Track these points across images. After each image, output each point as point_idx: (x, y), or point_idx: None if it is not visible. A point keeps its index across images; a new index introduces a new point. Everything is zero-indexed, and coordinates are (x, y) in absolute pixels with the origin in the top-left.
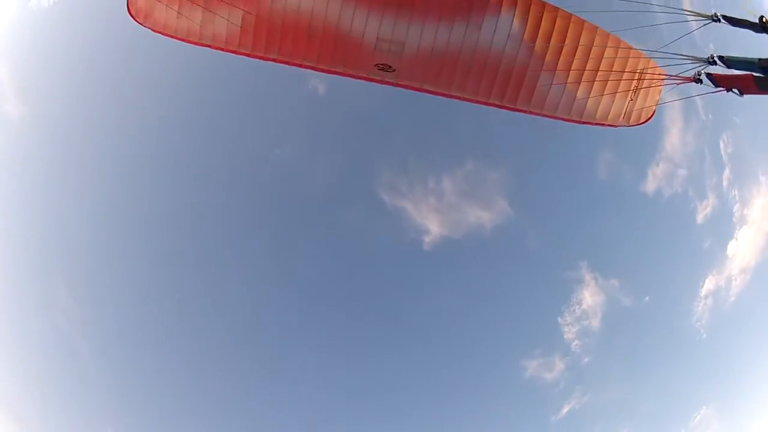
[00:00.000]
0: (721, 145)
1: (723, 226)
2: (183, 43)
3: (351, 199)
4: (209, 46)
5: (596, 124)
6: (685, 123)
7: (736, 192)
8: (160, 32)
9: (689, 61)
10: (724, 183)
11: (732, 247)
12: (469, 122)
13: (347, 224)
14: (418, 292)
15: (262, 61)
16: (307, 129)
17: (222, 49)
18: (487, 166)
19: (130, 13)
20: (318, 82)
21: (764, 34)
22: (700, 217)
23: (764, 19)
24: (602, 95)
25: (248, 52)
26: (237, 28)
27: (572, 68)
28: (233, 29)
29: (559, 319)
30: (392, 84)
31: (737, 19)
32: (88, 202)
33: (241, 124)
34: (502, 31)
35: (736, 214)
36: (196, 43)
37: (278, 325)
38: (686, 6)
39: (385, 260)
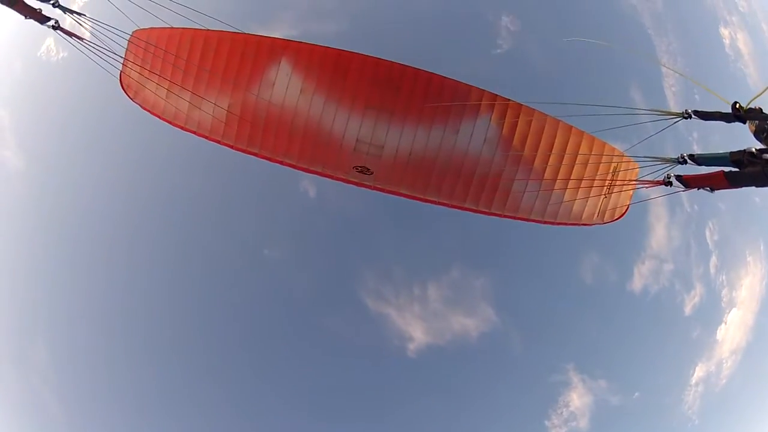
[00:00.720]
0: (707, 233)
1: (711, 312)
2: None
3: (336, 304)
4: (194, 133)
5: (571, 224)
6: (670, 218)
7: (724, 277)
8: (149, 111)
9: (659, 163)
10: (712, 270)
11: (721, 332)
12: (455, 228)
13: (331, 329)
14: (401, 399)
15: (244, 154)
16: (296, 231)
17: (206, 138)
18: (472, 273)
19: (121, 86)
20: (308, 184)
21: (738, 123)
22: (687, 309)
23: (737, 105)
24: (576, 197)
25: (231, 144)
26: (222, 117)
27: (547, 170)
28: (218, 119)
29: (546, 423)
30: (369, 187)
31: (708, 112)
32: (77, 262)
33: (233, 220)
34: (478, 135)
35: (724, 299)
36: (182, 128)
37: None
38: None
39: (369, 367)
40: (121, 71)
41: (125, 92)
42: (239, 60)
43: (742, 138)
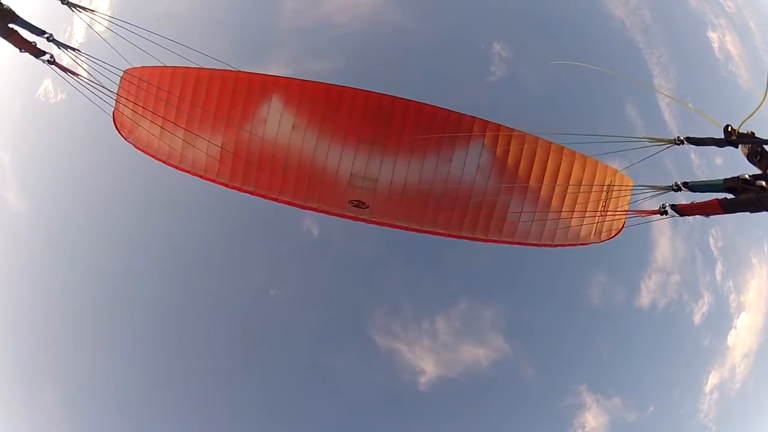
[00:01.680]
0: (711, 241)
1: (721, 319)
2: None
3: (344, 342)
4: (189, 172)
5: (568, 245)
6: (673, 230)
7: (731, 283)
8: (142, 150)
9: (653, 191)
10: (718, 277)
11: (732, 337)
12: (461, 260)
13: (341, 367)
14: None
15: (240, 192)
16: (301, 270)
17: (201, 177)
18: (480, 303)
19: (114, 125)
20: (311, 223)
21: (730, 147)
22: (697, 318)
23: (730, 128)
24: (572, 217)
25: (226, 182)
26: (215, 155)
27: (542, 193)
28: (211, 157)
29: None
30: (365, 221)
31: (701, 138)
32: (81, 306)
33: (237, 262)
34: (471, 163)
35: (732, 305)
36: (176, 167)
37: None
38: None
39: (381, 402)
40: (114, 110)
41: (118, 131)
42: (231, 97)
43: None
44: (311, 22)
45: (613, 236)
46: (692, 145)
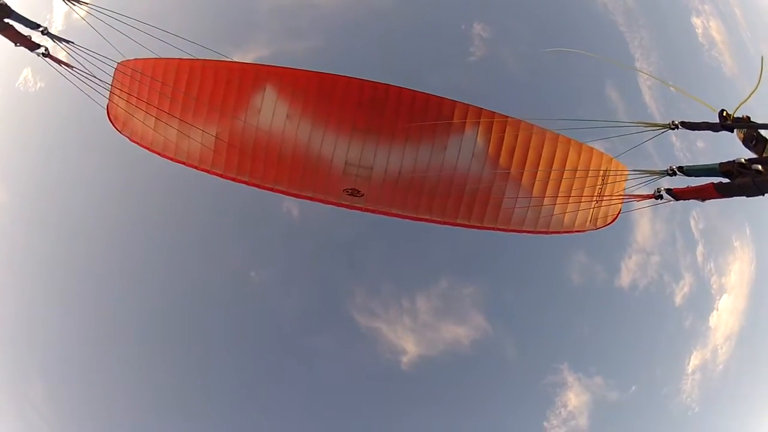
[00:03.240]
0: (692, 222)
1: (702, 301)
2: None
3: (325, 322)
4: (184, 163)
5: (564, 232)
6: (653, 211)
7: (712, 264)
8: (137, 143)
9: (647, 176)
10: (699, 259)
11: (714, 319)
12: (441, 239)
13: (323, 348)
14: (398, 412)
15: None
16: (281, 252)
17: (196, 167)
18: (460, 282)
19: (109, 119)
20: (291, 204)
21: (725, 132)
22: (678, 299)
23: (725, 113)
24: (567, 204)
25: (221, 173)
26: (210, 146)
27: (537, 181)
28: (206, 147)
29: (545, 424)
30: (361, 209)
31: (695, 122)
32: (63, 293)
33: (217, 244)
34: (466, 150)
35: (714, 286)
36: (171, 159)
37: None
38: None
39: (363, 382)
40: (108, 103)
41: (113, 124)
42: (225, 87)
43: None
44: (290, 2)
45: (609, 223)
46: (687, 130)
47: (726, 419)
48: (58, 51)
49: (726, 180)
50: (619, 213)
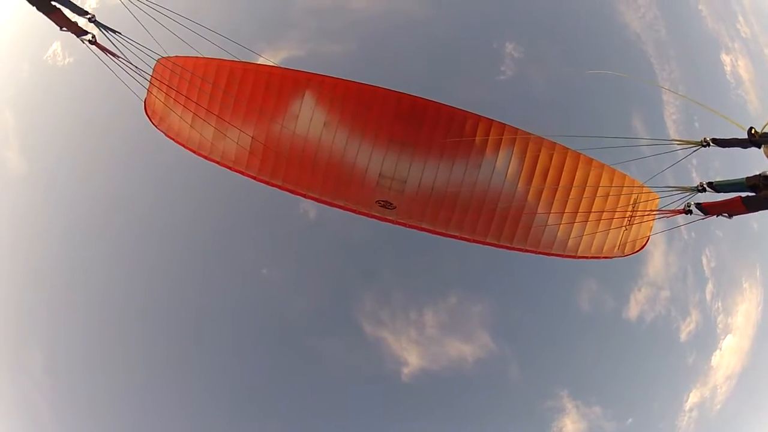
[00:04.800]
0: (704, 260)
1: (707, 339)
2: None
3: (332, 326)
4: (218, 163)
5: (591, 257)
6: (667, 245)
7: (720, 304)
8: (173, 139)
9: (678, 192)
10: (707, 297)
11: (716, 358)
12: (454, 254)
13: (326, 350)
14: (395, 422)
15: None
16: (295, 252)
17: (230, 168)
18: (469, 299)
19: (146, 114)
20: (309, 206)
21: (753, 148)
22: (683, 335)
23: (753, 131)
24: (597, 230)
25: (254, 175)
26: (246, 148)
27: (568, 204)
28: (242, 150)
29: None
30: (391, 221)
31: (726, 139)
32: (75, 271)
33: (233, 240)
34: (500, 170)
35: (719, 326)
36: (206, 157)
37: None
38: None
39: (362, 390)
40: (145, 98)
41: (150, 119)
42: (264, 91)
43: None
44: (327, 4)
45: (637, 251)
46: (718, 147)
47: None
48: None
49: (753, 194)
50: (646, 242)
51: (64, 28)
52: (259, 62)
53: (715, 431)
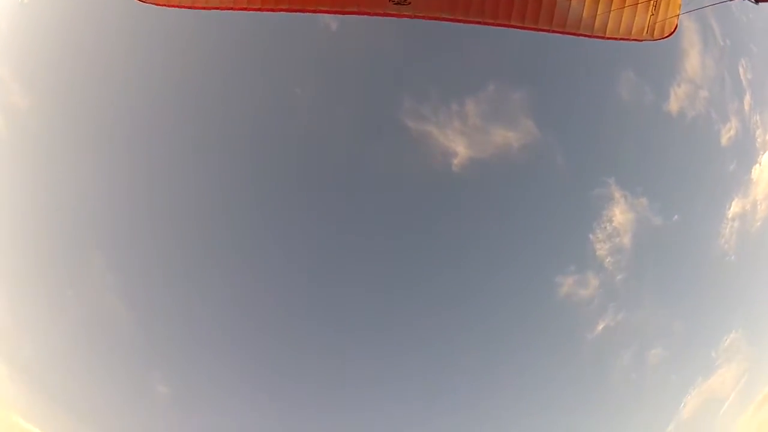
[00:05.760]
0: (741, 70)
1: (746, 149)
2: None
3: (376, 129)
4: (218, 8)
5: (620, 39)
6: (703, 46)
7: (758, 117)
8: (164, 5)
9: None
10: (746, 107)
11: (756, 172)
12: (485, 44)
13: (376, 153)
14: (449, 214)
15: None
16: (324, 66)
17: (232, 9)
18: (508, 87)
19: None
20: (329, 19)
21: None
22: (724, 140)
23: None
24: (624, 8)
25: (259, 6)
26: None
27: None
28: None
29: (591, 236)
30: (409, 16)
31: None
32: (114, 171)
33: (258, 69)
34: None
35: (758, 139)
36: (204, 8)
37: (310, 252)
38: None
39: (415, 184)
40: None
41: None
42: None
43: None
44: None
45: (666, 36)
46: None
47: (760, 279)
48: None
49: None
50: (676, 25)
51: None
52: None
53: (756, 247)
